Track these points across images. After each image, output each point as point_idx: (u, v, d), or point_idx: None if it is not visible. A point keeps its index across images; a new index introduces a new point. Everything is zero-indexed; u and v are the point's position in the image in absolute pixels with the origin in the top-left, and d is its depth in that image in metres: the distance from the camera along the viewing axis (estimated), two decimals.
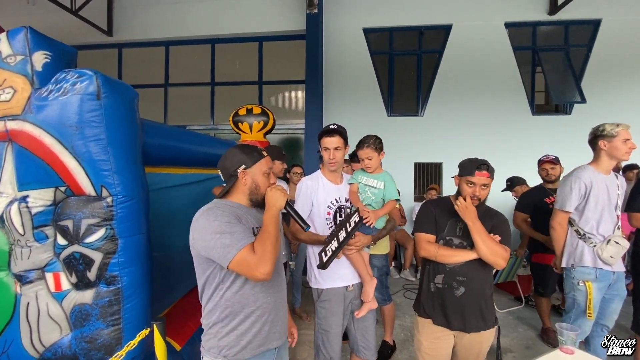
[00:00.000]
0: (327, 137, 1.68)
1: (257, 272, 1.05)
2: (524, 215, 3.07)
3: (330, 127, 1.68)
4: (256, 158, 1.24)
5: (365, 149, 1.72)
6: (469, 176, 1.55)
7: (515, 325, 3.23)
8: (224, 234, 1.08)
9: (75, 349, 1.52)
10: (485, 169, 1.53)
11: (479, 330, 1.60)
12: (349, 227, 1.53)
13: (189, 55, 6.24)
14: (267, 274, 1.06)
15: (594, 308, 2.00)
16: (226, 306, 1.17)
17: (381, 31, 5.69)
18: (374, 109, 5.63)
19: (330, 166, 1.72)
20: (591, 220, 2.00)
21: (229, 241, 1.07)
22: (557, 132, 5.31)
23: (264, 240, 1.09)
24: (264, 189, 1.24)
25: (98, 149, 1.42)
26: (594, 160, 2.08)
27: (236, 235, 1.09)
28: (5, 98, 1.44)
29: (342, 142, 1.69)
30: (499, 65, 5.40)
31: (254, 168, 1.23)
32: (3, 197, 1.52)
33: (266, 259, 1.06)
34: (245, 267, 1.07)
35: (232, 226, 1.10)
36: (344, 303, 1.72)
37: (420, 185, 5.70)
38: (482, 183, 1.54)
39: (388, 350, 2.70)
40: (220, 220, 1.11)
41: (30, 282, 1.53)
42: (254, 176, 1.24)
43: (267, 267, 1.05)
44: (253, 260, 1.05)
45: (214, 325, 1.19)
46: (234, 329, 1.17)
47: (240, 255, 1.06)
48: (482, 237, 1.51)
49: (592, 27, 5.34)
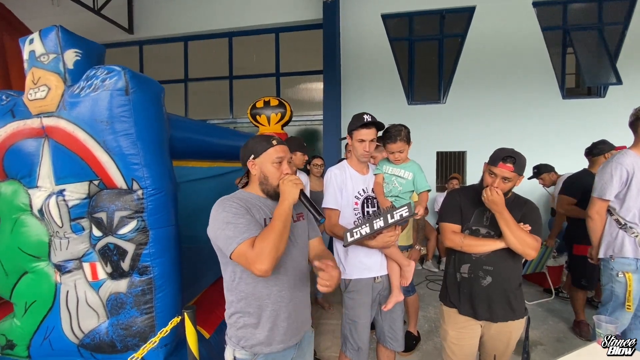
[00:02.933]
0: (365, 129, 1.63)
1: (254, 269, 1.03)
2: (570, 199, 2.85)
3: (366, 119, 1.62)
4: (264, 147, 1.21)
5: (398, 142, 1.65)
6: (492, 166, 1.49)
7: (545, 318, 3.13)
8: (229, 224, 1.08)
9: (112, 336, 1.59)
10: (512, 162, 1.44)
11: (506, 320, 1.55)
12: (390, 218, 1.46)
13: (207, 50, 6.30)
14: (265, 271, 1.02)
15: (633, 300, 1.91)
16: (241, 297, 1.17)
17: (400, 16, 5.52)
18: (394, 98, 5.51)
19: (364, 157, 1.69)
20: (633, 208, 1.89)
21: (232, 233, 1.07)
22: (590, 116, 5.02)
23: (266, 236, 1.05)
24: (274, 179, 1.20)
25: (128, 143, 1.46)
26: (635, 144, 1.95)
27: (240, 227, 1.07)
28: (41, 96, 1.50)
29: (376, 133, 1.67)
30: (526, 47, 5.13)
31: (261, 158, 1.21)
32: (42, 190, 1.59)
33: (264, 256, 1.02)
34: (244, 261, 1.05)
35: (238, 217, 1.09)
36: (372, 294, 1.70)
37: (443, 175, 5.57)
38: (503, 175, 1.46)
39: (412, 341, 2.69)
40: (228, 211, 1.11)
41: (69, 272, 1.61)
42: (262, 166, 1.21)
43: (264, 264, 1.01)
44: (251, 256, 1.03)
45: (232, 315, 1.20)
46: (248, 322, 1.17)
47: (240, 249, 1.05)
48: (510, 228, 1.45)
49: (628, 2, 4.97)
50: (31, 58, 1.55)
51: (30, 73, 1.55)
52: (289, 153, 1.26)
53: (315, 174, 3.50)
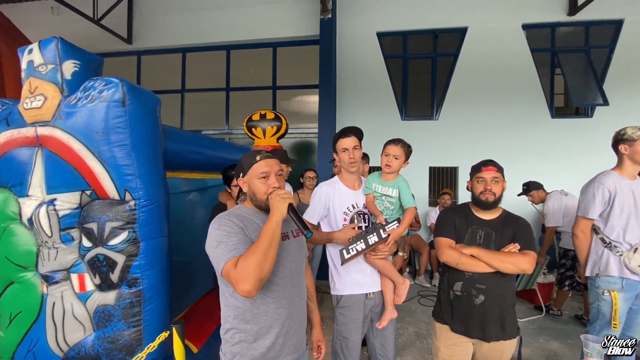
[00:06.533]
0: (344, 138, 1.69)
1: (238, 289, 1.00)
2: None
3: (344, 129, 1.70)
4: (249, 164, 1.20)
5: (398, 146, 1.70)
6: (478, 173, 1.59)
7: (536, 335, 3.14)
8: (220, 243, 1.07)
9: (98, 349, 1.56)
10: (492, 164, 1.57)
11: (499, 339, 1.55)
12: (384, 233, 1.51)
13: (205, 62, 6.37)
14: (248, 292, 0.98)
15: (619, 319, 1.93)
16: (237, 313, 1.15)
17: (395, 35, 5.68)
18: (388, 113, 5.60)
19: (351, 166, 1.71)
20: (617, 227, 1.93)
21: (221, 251, 1.06)
22: (577, 135, 5.15)
23: (249, 255, 1.02)
24: (262, 194, 1.18)
25: (122, 154, 1.47)
26: (617, 165, 2.01)
27: (229, 245, 1.06)
28: (37, 105, 1.51)
29: (358, 141, 1.71)
30: (517, 68, 5.29)
31: (248, 174, 1.21)
32: (32, 199, 1.58)
33: (245, 275, 0.98)
34: (230, 281, 1.04)
35: (230, 236, 1.08)
36: (363, 311, 1.69)
37: (435, 190, 5.62)
38: (491, 177, 1.56)
39: None
40: (222, 229, 1.10)
41: (57, 283, 1.59)
42: (250, 183, 1.21)
43: (246, 284, 0.98)
44: (234, 276, 1.00)
45: (228, 331, 1.18)
46: (244, 338, 1.15)
47: (225, 269, 1.03)
48: (500, 259, 1.49)
49: (613, 27, 5.18)
50: (29, 68, 1.57)
51: (28, 82, 1.56)
52: (277, 166, 1.22)
53: (308, 187, 3.52)
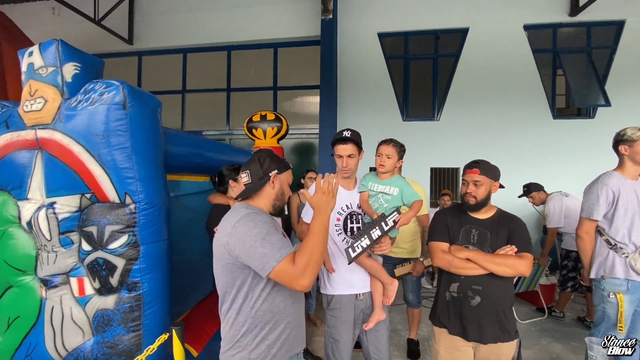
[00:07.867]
0: (341, 144, 1.64)
1: (297, 285, 1.04)
2: None
3: (344, 135, 1.63)
4: (286, 167, 1.30)
5: (389, 145, 1.69)
6: (463, 175, 1.62)
7: (538, 337, 3.11)
8: (264, 242, 1.06)
9: (96, 354, 1.54)
10: (476, 167, 1.56)
11: (496, 341, 1.54)
12: (386, 226, 1.50)
13: (206, 62, 6.36)
14: (307, 287, 1.05)
15: (625, 321, 1.91)
16: (256, 316, 1.14)
17: (396, 35, 5.66)
18: (389, 114, 5.59)
19: (344, 173, 1.70)
20: (622, 228, 1.91)
21: (268, 250, 1.05)
22: (579, 136, 5.13)
23: (310, 252, 1.07)
24: (287, 197, 1.30)
25: (123, 157, 1.45)
26: (619, 166, 2.00)
27: (275, 244, 1.07)
28: (37, 107, 1.50)
29: (356, 149, 1.65)
30: (518, 68, 5.27)
31: (283, 175, 1.28)
32: (32, 203, 1.57)
33: (308, 272, 1.04)
34: (285, 279, 1.06)
35: (271, 235, 1.09)
36: (354, 312, 1.68)
37: (436, 191, 5.60)
38: (473, 180, 1.56)
39: (417, 346, 2.77)
40: (260, 227, 1.09)
41: (56, 287, 1.57)
42: (282, 183, 1.28)
43: (307, 280, 1.04)
44: (294, 273, 1.04)
45: (243, 337, 1.14)
46: (265, 339, 1.15)
47: (280, 267, 1.04)
48: (496, 262, 1.48)
49: (615, 28, 5.16)
50: (29, 70, 1.55)
51: (28, 85, 1.55)
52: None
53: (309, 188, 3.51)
